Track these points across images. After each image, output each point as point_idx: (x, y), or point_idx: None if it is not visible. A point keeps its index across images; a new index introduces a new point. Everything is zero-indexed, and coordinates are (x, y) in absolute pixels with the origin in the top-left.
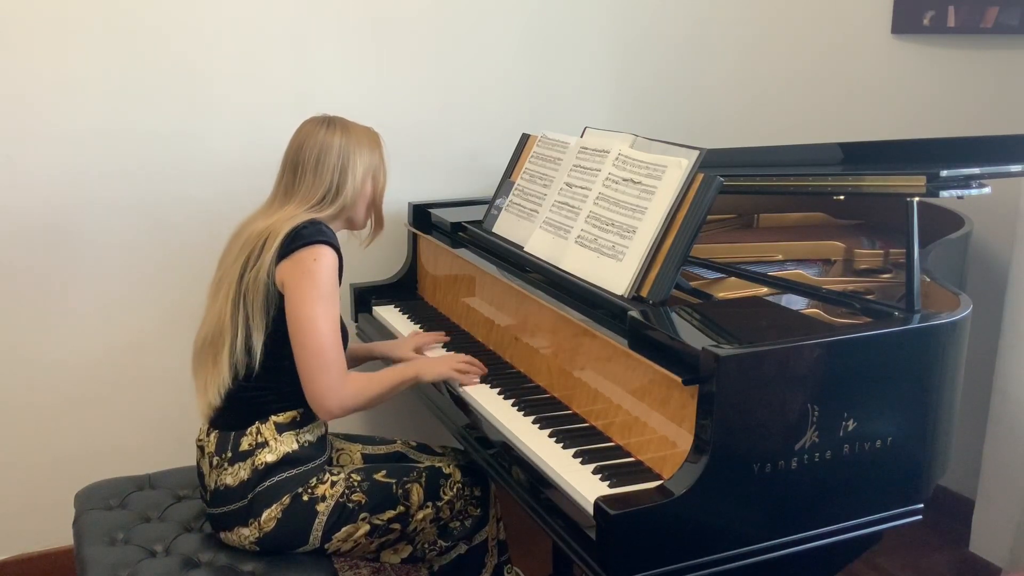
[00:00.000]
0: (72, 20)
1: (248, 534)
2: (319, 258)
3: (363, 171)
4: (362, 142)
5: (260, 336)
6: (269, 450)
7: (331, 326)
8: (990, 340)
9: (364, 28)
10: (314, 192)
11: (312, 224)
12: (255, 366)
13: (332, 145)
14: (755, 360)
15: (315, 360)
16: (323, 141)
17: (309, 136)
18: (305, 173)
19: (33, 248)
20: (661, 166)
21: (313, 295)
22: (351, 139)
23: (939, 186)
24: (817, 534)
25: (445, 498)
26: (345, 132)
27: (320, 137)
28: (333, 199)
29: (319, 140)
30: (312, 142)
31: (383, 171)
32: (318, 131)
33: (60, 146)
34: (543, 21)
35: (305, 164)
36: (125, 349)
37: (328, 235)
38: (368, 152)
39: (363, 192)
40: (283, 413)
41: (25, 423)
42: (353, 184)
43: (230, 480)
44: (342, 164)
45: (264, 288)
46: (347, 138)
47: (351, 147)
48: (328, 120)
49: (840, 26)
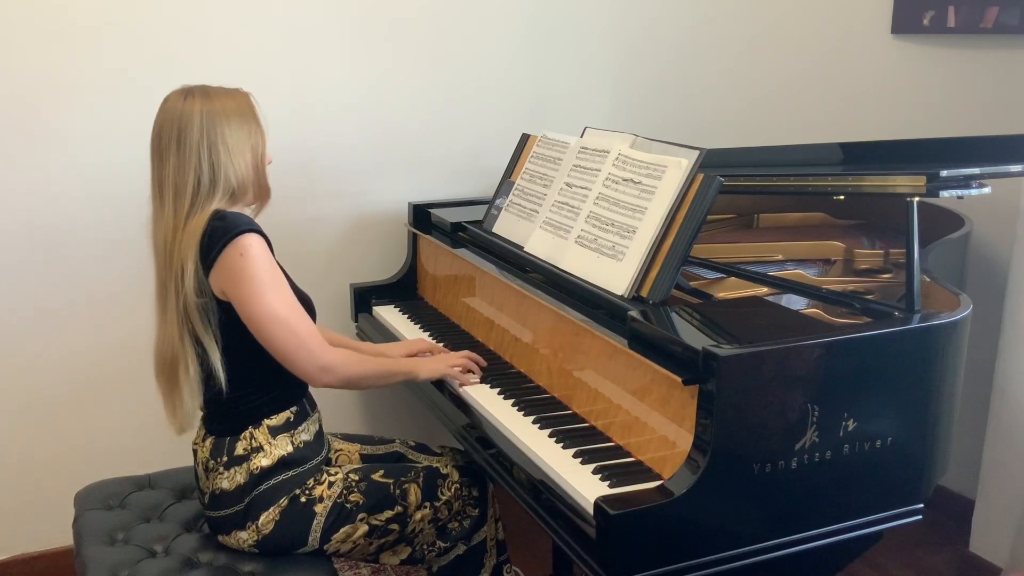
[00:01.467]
0: (71, 20)
1: (246, 538)
2: (245, 251)
3: (236, 142)
4: (228, 108)
5: (217, 356)
6: (264, 454)
7: (288, 308)
8: (990, 340)
9: (364, 28)
10: (185, 176)
11: (216, 220)
12: (223, 385)
13: (192, 117)
14: (755, 360)
15: (289, 344)
16: (182, 115)
17: (167, 113)
18: (169, 156)
19: (32, 247)
20: (661, 166)
21: (256, 289)
22: (214, 107)
23: (939, 186)
24: (817, 534)
25: (443, 498)
26: (206, 100)
27: (178, 111)
28: (213, 185)
29: (177, 115)
30: (170, 119)
31: (261, 135)
32: (176, 105)
33: (59, 146)
34: (543, 21)
35: (167, 147)
36: (125, 349)
37: (239, 222)
38: (238, 119)
39: (247, 167)
40: (275, 415)
41: (25, 423)
42: (231, 161)
43: (226, 484)
44: (208, 139)
45: (200, 310)
46: (209, 106)
47: (215, 117)
48: (187, 91)
49: (840, 26)
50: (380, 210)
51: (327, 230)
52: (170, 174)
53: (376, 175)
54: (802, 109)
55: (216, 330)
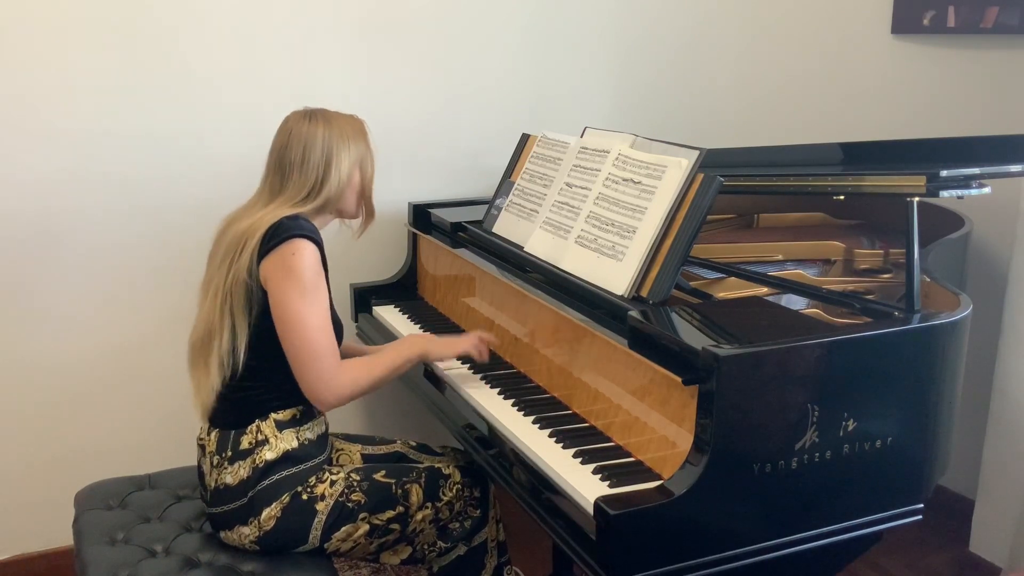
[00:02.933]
0: (71, 21)
1: (248, 533)
2: (297, 252)
3: (349, 162)
4: (345, 132)
5: (243, 337)
6: (269, 447)
7: (318, 319)
8: (990, 340)
9: (364, 28)
10: (300, 189)
11: (291, 219)
12: (239, 367)
13: (316, 139)
14: (755, 360)
15: (304, 353)
16: (307, 136)
17: (293, 133)
18: (292, 171)
19: (32, 248)
20: (661, 166)
21: (295, 290)
22: (334, 130)
23: (939, 186)
24: (817, 534)
25: (444, 499)
26: (328, 124)
27: (303, 132)
28: (318, 193)
29: (303, 136)
30: (296, 139)
31: (370, 159)
32: (301, 126)
33: (59, 147)
34: (543, 21)
35: (292, 163)
36: (125, 349)
37: (306, 228)
38: (353, 142)
39: (351, 183)
40: (283, 410)
41: (25, 423)
42: (338, 176)
43: (230, 479)
44: (327, 157)
45: (245, 288)
46: (330, 129)
47: (334, 138)
48: (310, 114)
49: (840, 26)
50: (380, 210)
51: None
52: (290, 187)
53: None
54: (802, 109)
55: (253, 315)
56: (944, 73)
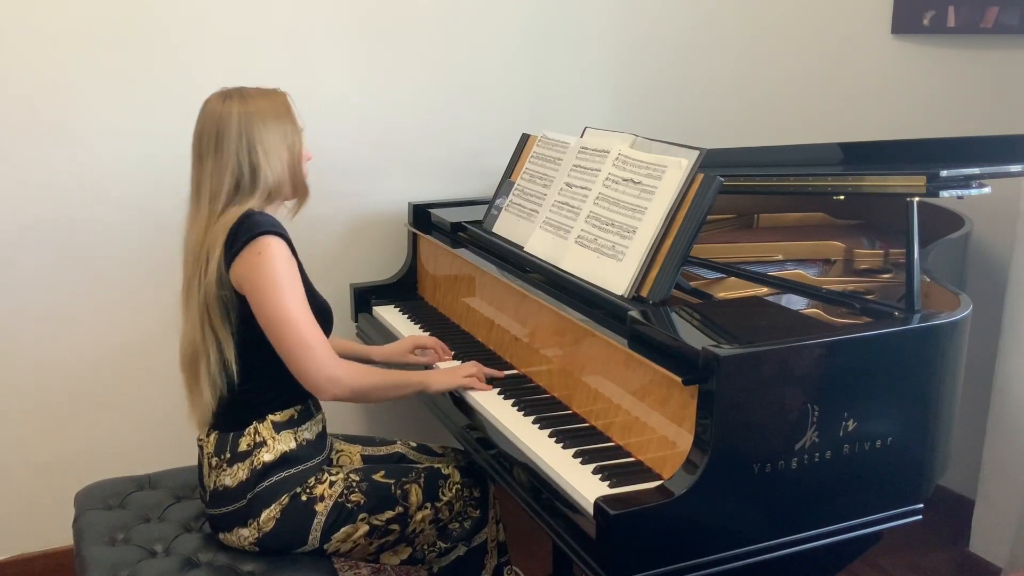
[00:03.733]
0: (71, 22)
1: (247, 535)
2: (263, 250)
3: (273, 143)
4: (264, 109)
5: (231, 349)
6: (267, 449)
7: (300, 312)
8: (990, 340)
9: (364, 28)
10: (222, 178)
11: (246, 218)
12: (234, 377)
13: (230, 120)
14: (755, 360)
15: (296, 348)
16: (220, 118)
17: (206, 116)
18: (207, 159)
19: (33, 248)
20: (661, 166)
21: (271, 288)
22: (250, 108)
23: (939, 186)
24: (817, 534)
25: (444, 499)
26: (243, 101)
27: (217, 114)
28: (252, 185)
29: (216, 118)
30: (209, 122)
31: (297, 135)
32: (215, 108)
33: (59, 147)
34: (543, 21)
35: (206, 150)
36: (125, 349)
37: (265, 223)
38: (274, 120)
39: (282, 166)
40: (280, 412)
41: (25, 423)
42: (267, 161)
43: (229, 481)
44: (247, 141)
45: (220, 301)
46: (246, 108)
47: (252, 118)
48: (226, 93)
49: (840, 26)
50: (380, 210)
51: (327, 230)
52: (208, 176)
53: (376, 175)
54: (802, 109)
55: (234, 324)
56: (944, 73)
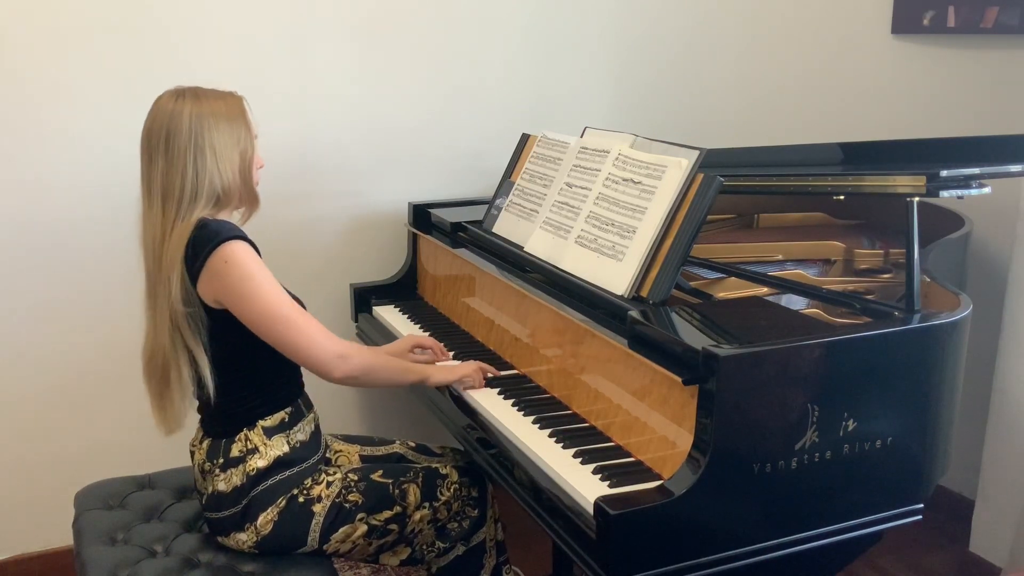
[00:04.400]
0: (71, 22)
1: (246, 539)
2: (228, 258)
3: (223, 146)
4: (218, 111)
5: (207, 366)
6: (260, 456)
7: (287, 306)
8: (990, 340)
9: (363, 28)
10: (172, 180)
11: (200, 230)
12: (211, 392)
13: (181, 120)
14: (755, 360)
15: (293, 336)
16: (171, 117)
17: (158, 114)
18: (158, 158)
19: (33, 248)
20: (661, 166)
21: (251, 292)
22: (203, 109)
23: (939, 186)
24: (817, 534)
25: (442, 499)
26: (196, 102)
27: (168, 112)
28: (200, 189)
29: (167, 116)
30: (159, 120)
31: (250, 141)
32: (167, 106)
33: (60, 147)
34: (543, 21)
35: (155, 148)
36: (125, 349)
37: (222, 231)
38: (227, 123)
39: (233, 172)
40: (270, 416)
41: (25, 423)
42: (217, 165)
43: (223, 486)
44: (196, 142)
45: (188, 319)
46: (199, 108)
47: (203, 119)
48: (179, 92)
49: (840, 26)
50: (380, 210)
51: (327, 230)
52: (158, 176)
53: (376, 175)
54: (802, 109)
55: (205, 339)
56: (944, 73)
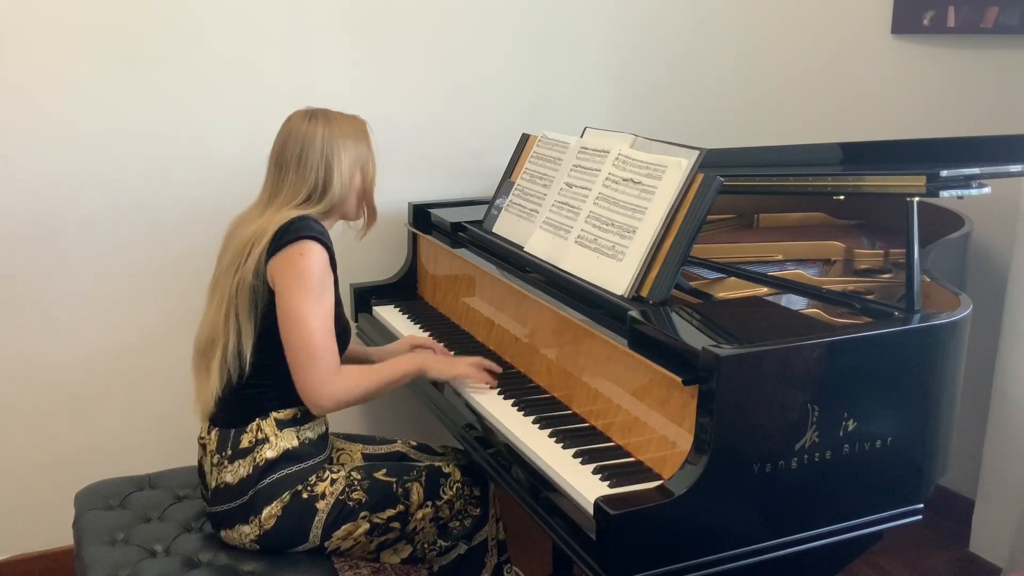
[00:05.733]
0: (71, 21)
1: (248, 532)
2: (305, 252)
3: (349, 163)
4: (346, 133)
5: (249, 340)
6: (269, 446)
7: (320, 321)
8: (990, 340)
9: (364, 28)
10: (299, 190)
11: (300, 220)
12: (245, 368)
13: (315, 139)
14: (755, 360)
15: (303, 354)
16: (305, 135)
17: (292, 132)
18: (288, 171)
19: (33, 248)
20: (661, 166)
21: (300, 290)
22: (334, 130)
23: (939, 186)
24: (817, 534)
25: (445, 497)
26: (328, 123)
27: (302, 131)
28: (321, 196)
29: (301, 135)
30: (294, 137)
31: (372, 161)
32: (300, 125)
33: (60, 147)
34: (543, 21)
35: (288, 161)
36: (125, 349)
37: (316, 229)
38: (354, 143)
39: (352, 185)
40: (284, 410)
41: (25, 423)
42: (340, 179)
43: (230, 478)
44: (326, 159)
45: (250, 290)
46: (330, 129)
47: (335, 139)
48: (311, 113)
49: (840, 26)
50: (380, 210)
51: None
52: (287, 186)
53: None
54: (802, 109)
55: (258, 316)
56: (944, 73)
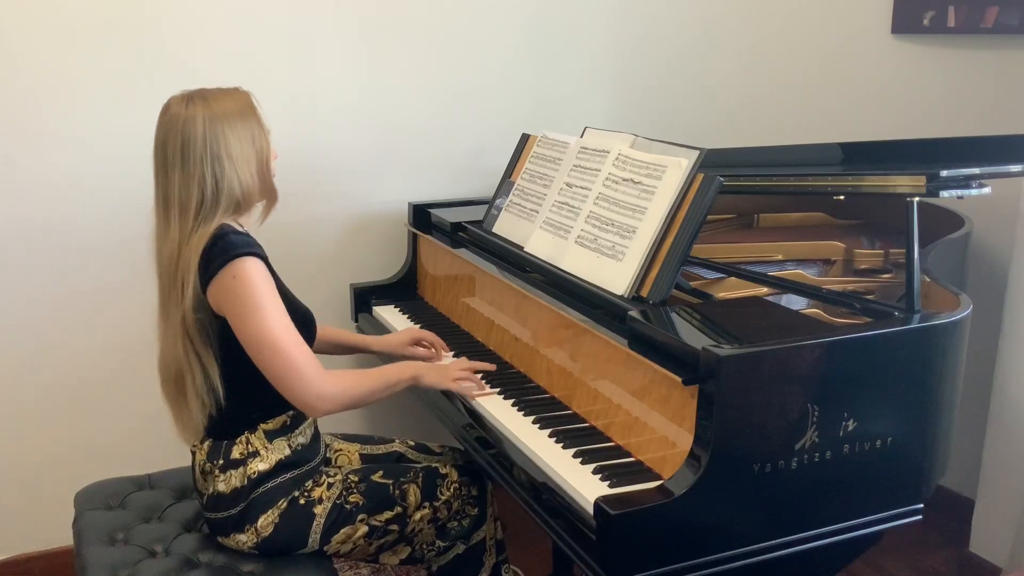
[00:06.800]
0: (71, 22)
1: (246, 540)
2: (239, 274)
3: (240, 148)
4: (229, 111)
5: (215, 371)
6: (261, 459)
7: (283, 332)
8: (990, 340)
9: (364, 28)
10: (189, 192)
11: (218, 239)
12: (221, 399)
13: (194, 126)
14: (755, 360)
15: (283, 368)
16: (184, 125)
17: (170, 124)
18: (174, 169)
19: (33, 248)
20: (661, 166)
21: (251, 312)
22: (215, 112)
23: (939, 186)
24: (817, 534)
25: (442, 498)
26: (206, 105)
27: (180, 121)
28: (219, 196)
29: (180, 126)
30: (174, 132)
31: (263, 136)
32: (178, 114)
33: (61, 147)
34: (543, 21)
35: (171, 162)
36: (125, 349)
37: (238, 244)
38: (240, 120)
39: (250, 170)
40: (271, 420)
41: (25, 423)
42: (233, 168)
43: (223, 487)
44: (212, 149)
45: (198, 325)
46: (210, 111)
47: (217, 123)
48: (187, 98)
49: (840, 26)
50: (380, 210)
51: (327, 230)
52: (176, 190)
53: (376, 175)
54: (802, 109)
55: (215, 345)
56: (944, 73)
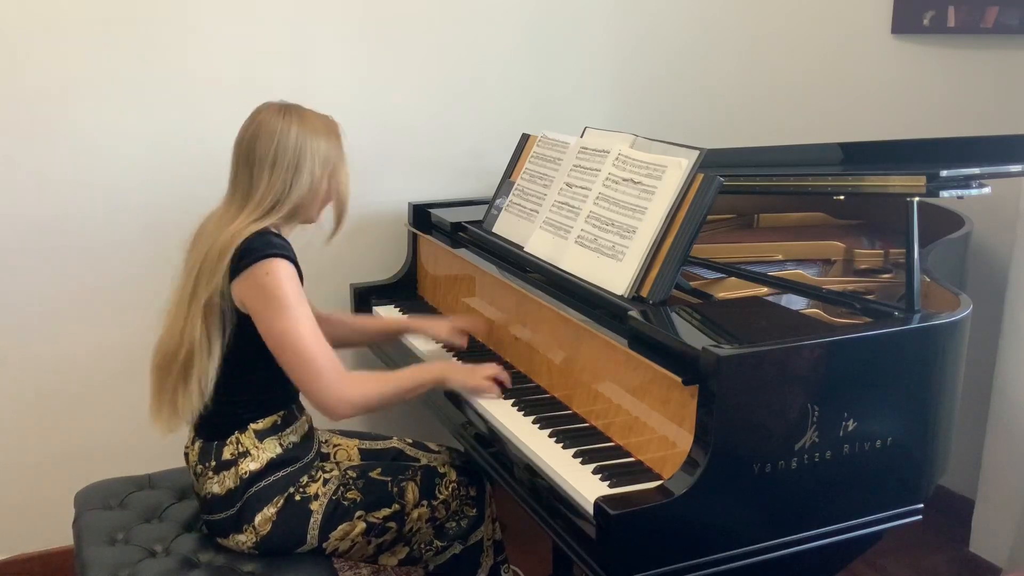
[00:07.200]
0: (71, 22)
1: (245, 540)
2: (271, 272)
3: (319, 165)
4: (319, 131)
5: (217, 359)
6: (252, 459)
7: (310, 334)
8: (990, 340)
9: (364, 28)
10: (270, 191)
11: (260, 236)
12: (210, 388)
13: (288, 137)
14: (755, 360)
15: (305, 369)
16: (280, 133)
17: (264, 127)
18: (262, 170)
19: (33, 248)
20: (661, 166)
21: (279, 311)
22: (307, 129)
23: (939, 186)
24: (817, 534)
25: (440, 497)
26: (301, 122)
27: (276, 128)
28: (286, 199)
29: (275, 131)
30: (267, 133)
31: (343, 164)
32: (274, 121)
33: (61, 147)
34: (543, 21)
35: (261, 159)
36: (125, 348)
37: (276, 245)
38: (326, 143)
39: (319, 189)
40: (262, 419)
41: (24, 423)
42: (311, 181)
43: (217, 488)
44: (298, 159)
45: (218, 310)
46: (303, 128)
47: (307, 138)
48: (284, 109)
49: (840, 26)
50: (380, 210)
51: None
52: (258, 186)
53: (376, 175)
54: (802, 109)
55: (226, 337)
56: (944, 73)
